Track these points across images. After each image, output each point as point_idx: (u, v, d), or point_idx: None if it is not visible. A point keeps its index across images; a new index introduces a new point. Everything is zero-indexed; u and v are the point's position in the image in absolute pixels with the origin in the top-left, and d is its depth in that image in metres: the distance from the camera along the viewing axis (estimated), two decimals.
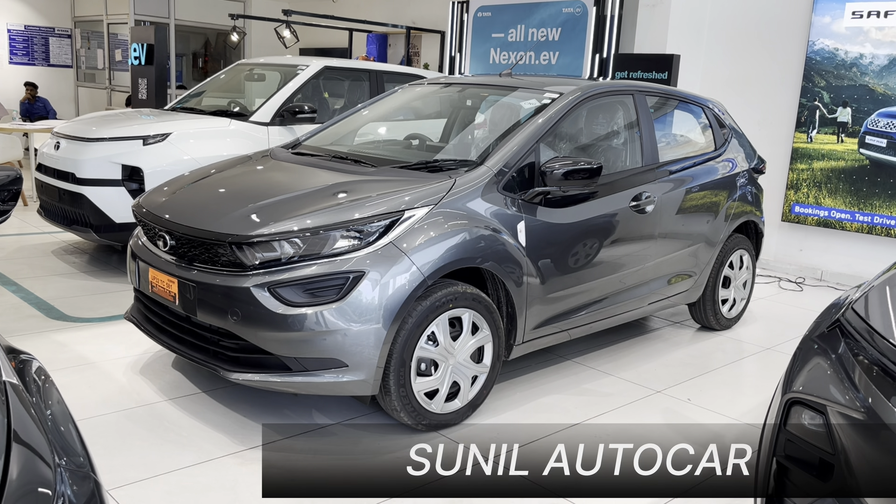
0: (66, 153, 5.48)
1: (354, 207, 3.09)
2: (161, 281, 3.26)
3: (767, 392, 3.98)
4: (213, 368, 3.08)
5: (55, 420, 1.30)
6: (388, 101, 4.66)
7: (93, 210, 5.30)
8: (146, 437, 3.07)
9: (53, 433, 1.23)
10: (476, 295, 3.25)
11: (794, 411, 1.76)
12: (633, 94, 4.29)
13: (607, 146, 4.31)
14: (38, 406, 1.29)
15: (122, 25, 12.58)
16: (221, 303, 3.00)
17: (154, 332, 3.43)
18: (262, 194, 3.30)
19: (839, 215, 6.63)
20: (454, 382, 3.28)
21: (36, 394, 1.37)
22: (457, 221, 3.21)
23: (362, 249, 2.99)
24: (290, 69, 6.40)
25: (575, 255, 3.71)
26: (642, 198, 4.08)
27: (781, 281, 6.66)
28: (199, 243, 3.13)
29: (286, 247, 2.99)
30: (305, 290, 2.92)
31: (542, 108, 3.82)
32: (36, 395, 1.36)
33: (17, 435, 1.10)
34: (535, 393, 3.78)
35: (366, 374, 2.98)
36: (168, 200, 3.48)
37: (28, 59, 13.40)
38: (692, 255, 4.54)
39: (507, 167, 3.47)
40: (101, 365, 3.79)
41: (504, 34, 9.12)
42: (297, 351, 2.95)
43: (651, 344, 4.69)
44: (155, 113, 6.24)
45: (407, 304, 3.00)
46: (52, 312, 4.57)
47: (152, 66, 8.12)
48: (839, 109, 6.56)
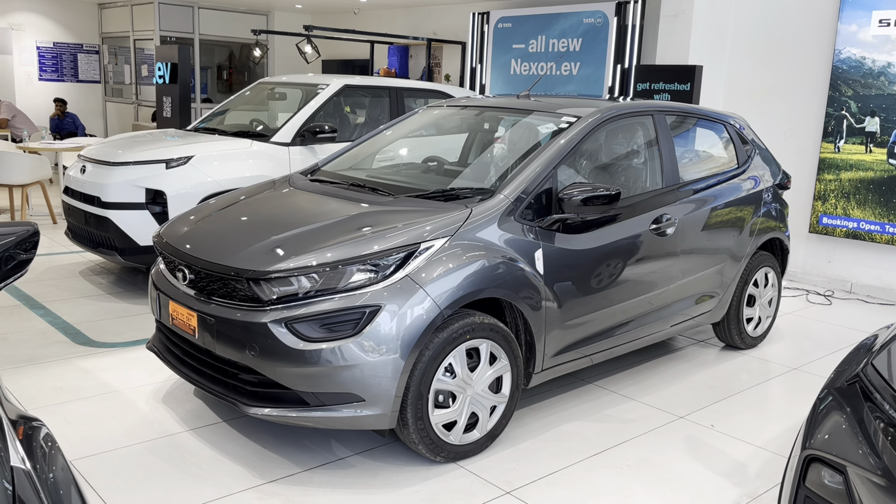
0: (92, 177, 5.56)
1: (370, 241, 3.09)
2: (181, 314, 3.29)
3: (793, 417, 3.92)
4: (233, 402, 3.10)
5: (56, 486, 1.33)
6: (405, 124, 4.66)
7: (117, 233, 5.38)
8: (168, 470, 3.10)
9: (55, 500, 1.26)
10: (493, 325, 3.24)
11: (813, 468, 1.72)
12: (652, 115, 4.24)
13: (627, 168, 4.27)
14: (42, 472, 1.32)
15: (148, 41, 12.76)
16: (239, 337, 3.02)
17: (175, 363, 3.46)
18: (278, 227, 3.31)
19: (868, 227, 6.50)
20: (472, 413, 3.26)
21: (41, 459, 1.39)
22: (473, 252, 3.19)
23: (378, 283, 2.99)
24: (310, 88, 6.45)
25: (594, 281, 3.68)
26: (663, 220, 4.03)
27: (809, 294, 6.55)
28: (217, 277, 3.16)
29: (303, 281, 3.00)
30: (322, 325, 2.93)
31: (559, 131, 3.80)
32: (41, 460, 1.39)
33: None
34: (555, 420, 3.75)
35: (383, 408, 2.98)
36: (187, 232, 3.52)
37: (57, 76, 13.66)
38: (716, 274, 4.48)
39: (525, 195, 3.45)
40: (125, 393, 3.84)
41: (525, 45, 9.09)
42: (314, 386, 2.96)
43: (674, 365, 4.63)
44: (178, 134, 6.31)
45: (423, 336, 2.99)
46: (78, 337, 4.64)
47: (176, 84, 8.22)
48: (867, 119, 6.43)
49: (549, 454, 3.38)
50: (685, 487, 3.16)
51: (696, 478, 3.25)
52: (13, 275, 1.92)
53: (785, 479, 1.86)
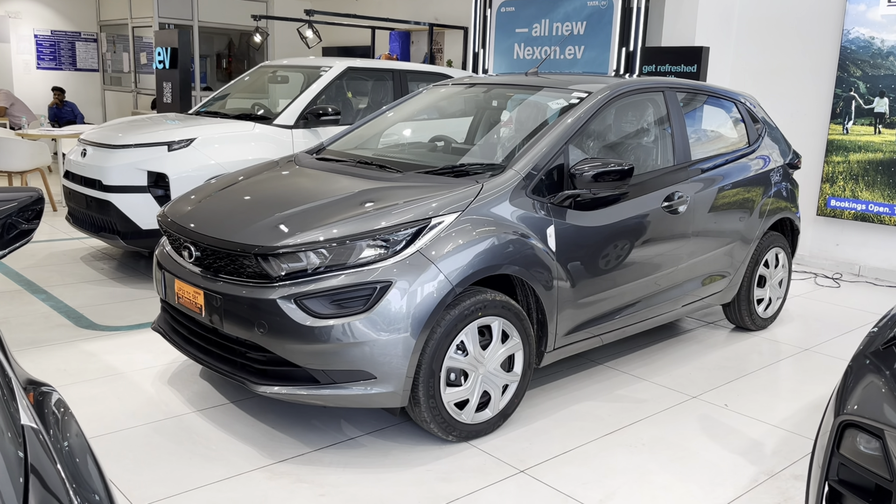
0: (93, 160, 5.49)
1: (380, 216, 3.03)
2: (187, 292, 3.23)
3: (807, 397, 3.87)
4: (241, 381, 3.04)
5: (72, 453, 1.27)
6: (412, 102, 4.59)
7: (119, 217, 5.31)
8: (175, 450, 3.05)
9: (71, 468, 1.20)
10: (506, 302, 3.18)
11: (847, 434, 1.66)
12: (663, 91, 4.18)
13: (638, 145, 4.21)
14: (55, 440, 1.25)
15: (146, 29, 12.65)
16: (248, 315, 2.96)
17: (181, 343, 3.41)
18: (286, 203, 3.25)
19: (877, 209, 6.44)
20: (484, 392, 3.21)
21: (54, 426, 1.33)
22: (485, 228, 3.13)
23: (389, 259, 2.93)
24: (313, 71, 6.37)
25: (606, 259, 3.62)
26: (675, 198, 3.97)
27: (818, 277, 6.49)
28: (224, 254, 3.09)
29: (312, 257, 2.94)
30: (332, 301, 2.87)
31: (569, 107, 3.73)
32: (54, 426, 1.33)
33: (35, 479, 1.07)
34: (567, 400, 3.69)
35: (395, 386, 2.93)
36: (193, 210, 3.45)
37: (55, 64, 13.55)
38: (726, 254, 4.42)
39: (536, 170, 3.39)
40: (130, 375, 3.78)
41: (528, 29, 8.99)
42: (324, 363, 2.90)
43: (685, 346, 4.58)
44: (179, 118, 6.24)
45: (435, 313, 2.93)
46: (81, 321, 4.58)
47: (176, 69, 8.13)
48: (876, 100, 6.36)
49: (563, 433, 3.33)
50: (701, 465, 3.11)
51: (711, 456, 3.20)
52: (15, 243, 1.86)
53: (816, 449, 1.81)
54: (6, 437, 1.08)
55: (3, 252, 1.76)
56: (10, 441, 1.08)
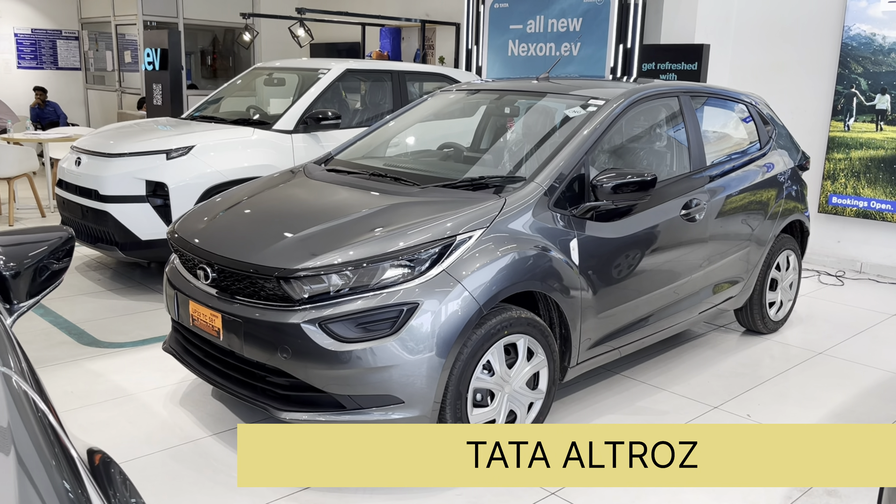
0: (88, 169, 5.35)
1: (404, 235, 2.94)
2: (203, 314, 3.12)
3: (828, 404, 3.84)
4: (263, 407, 2.95)
5: None
6: (420, 109, 4.49)
7: (117, 228, 5.17)
8: (195, 479, 2.95)
9: None
10: (531, 319, 3.11)
11: None
12: (678, 96, 4.11)
13: (655, 152, 4.15)
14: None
15: (130, 27, 12.41)
16: (270, 339, 2.87)
17: (195, 365, 3.31)
18: (305, 221, 3.15)
19: (879, 206, 6.44)
20: (510, 411, 3.14)
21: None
22: (510, 244, 3.05)
23: (415, 279, 2.85)
24: (310, 73, 6.24)
25: (627, 270, 3.56)
26: (692, 205, 3.92)
27: (821, 275, 6.49)
28: (242, 276, 2.99)
29: (335, 279, 2.85)
30: (358, 324, 2.79)
31: (587, 116, 3.65)
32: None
33: None
34: (589, 413, 3.64)
35: (422, 410, 2.85)
36: (206, 228, 3.34)
37: (36, 63, 13.27)
38: (741, 259, 4.38)
39: (558, 182, 3.31)
40: (140, 396, 3.68)
41: (522, 25, 8.90)
42: (350, 388, 2.81)
43: (699, 352, 4.54)
44: (174, 123, 6.09)
45: (463, 334, 2.86)
46: (83, 337, 4.45)
47: (167, 70, 7.96)
48: (877, 97, 6.35)
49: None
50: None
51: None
52: (47, 286, 1.76)
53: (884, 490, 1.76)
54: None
55: (37, 298, 1.66)
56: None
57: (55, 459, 1.12)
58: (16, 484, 1.00)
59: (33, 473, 1.05)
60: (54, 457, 1.12)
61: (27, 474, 1.04)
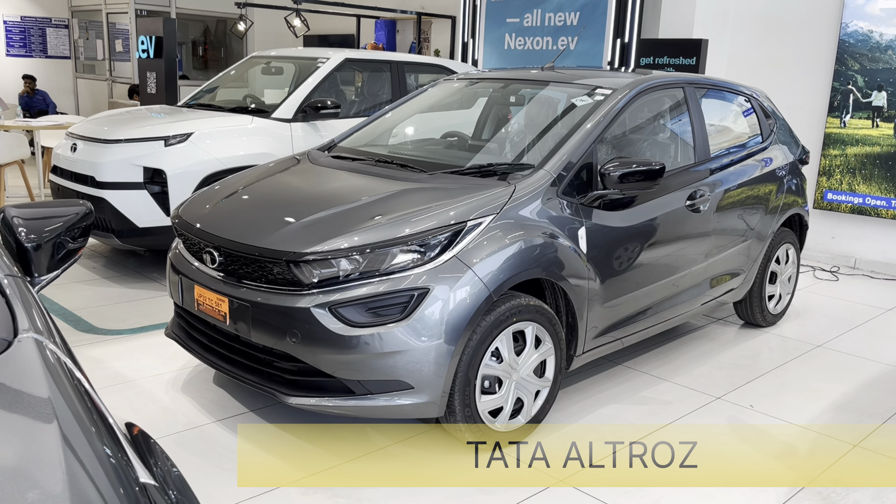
0: (85, 156, 5.28)
1: (414, 220, 2.92)
2: (209, 299, 3.09)
3: (829, 396, 3.86)
4: (270, 392, 2.92)
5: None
6: (423, 98, 4.47)
7: (115, 214, 5.11)
8: (202, 465, 2.92)
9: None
10: (539, 307, 3.10)
11: None
12: (683, 87, 4.12)
13: (660, 142, 4.14)
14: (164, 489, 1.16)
15: (121, 15, 12.28)
16: (279, 323, 2.84)
17: (200, 351, 3.27)
18: (313, 206, 3.12)
19: (874, 202, 6.48)
20: (517, 398, 3.13)
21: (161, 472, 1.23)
22: (519, 231, 3.04)
23: (426, 265, 2.83)
24: (308, 62, 6.19)
25: (633, 259, 3.56)
26: (697, 196, 3.92)
27: (816, 270, 6.52)
28: (251, 260, 2.96)
29: (345, 263, 2.82)
30: (369, 309, 2.77)
31: (594, 105, 3.65)
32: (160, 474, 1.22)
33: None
34: (593, 403, 3.64)
35: (431, 396, 2.84)
36: (211, 212, 3.30)
37: (25, 51, 13.10)
38: (743, 252, 4.39)
39: (566, 170, 3.30)
40: (141, 383, 3.64)
41: (519, 19, 8.88)
42: (359, 373, 2.79)
43: (699, 344, 4.55)
44: (170, 111, 6.03)
45: (473, 320, 2.84)
46: (80, 325, 4.40)
47: (161, 59, 7.88)
48: (874, 93, 6.39)
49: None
50: (740, 472, 3.07)
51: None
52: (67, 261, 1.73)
53: None
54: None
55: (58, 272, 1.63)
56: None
57: (94, 426, 1.10)
58: (62, 452, 0.98)
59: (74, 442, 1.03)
60: (93, 423, 1.10)
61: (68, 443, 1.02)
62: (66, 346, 1.38)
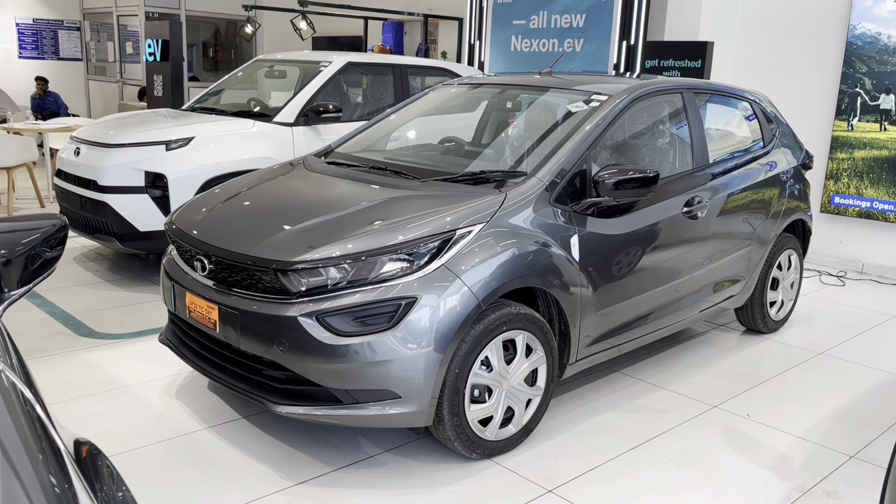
0: (87, 160, 5.32)
1: (403, 228, 2.91)
2: (200, 306, 3.10)
3: (829, 405, 3.82)
4: (259, 400, 2.92)
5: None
6: (421, 102, 4.46)
7: (116, 218, 5.14)
8: (190, 472, 2.93)
9: None
10: (530, 315, 3.08)
11: None
12: (681, 92, 4.08)
13: (657, 149, 4.11)
14: None
15: (132, 17, 12.36)
16: (266, 332, 2.84)
17: (192, 357, 3.28)
18: (303, 214, 3.12)
19: (882, 206, 6.40)
20: (508, 407, 3.12)
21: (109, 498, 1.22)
22: (510, 239, 3.03)
23: (414, 273, 2.82)
24: (311, 66, 6.21)
25: (628, 267, 3.53)
26: (695, 202, 3.89)
27: (822, 275, 6.46)
28: (240, 268, 2.96)
29: (333, 272, 2.82)
30: (356, 318, 2.76)
31: (589, 112, 3.62)
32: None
33: None
34: (587, 411, 3.61)
35: (419, 405, 2.83)
36: (204, 219, 3.31)
37: (38, 53, 13.22)
38: (743, 258, 4.35)
39: (559, 178, 3.28)
40: (135, 388, 3.65)
41: (526, 21, 8.86)
42: (347, 382, 2.79)
43: (698, 351, 4.51)
44: (174, 114, 6.06)
45: (461, 329, 2.83)
46: (80, 328, 4.43)
47: (168, 62, 7.92)
48: (882, 96, 6.31)
49: (587, 448, 3.25)
50: (731, 482, 3.04)
51: (740, 472, 3.13)
52: (39, 275, 1.74)
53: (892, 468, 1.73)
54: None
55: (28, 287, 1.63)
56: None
57: (42, 453, 1.09)
58: (0, 479, 0.97)
59: (19, 467, 1.03)
60: (41, 450, 1.09)
61: (13, 468, 1.01)
62: (22, 367, 1.38)
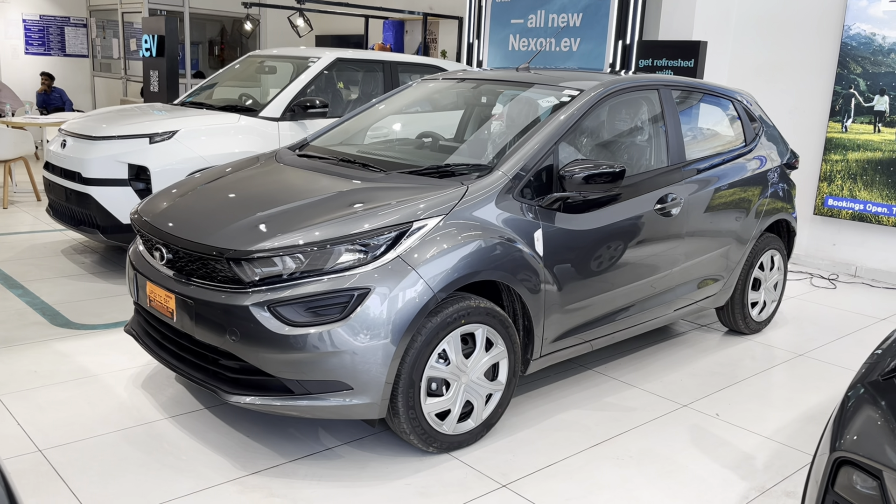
0: (73, 152, 5.34)
1: (359, 219, 2.90)
2: (159, 296, 3.10)
3: (800, 406, 3.77)
4: (213, 390, 2.92)
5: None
6: (399, 97, 4.45)
7: (99, 210, 5.17)
8: (143, 460, 2.93)
9: None
10: (490, 309, 3.06)
11: (843, 471, 1.55)
12: (657, 89, 4.04)
13: (631, 145, 4.07)
14: None
15: (136, 14, 12.44)
16: (220, 321, 2.84)
17: (153, 347, 3.28)
18: (262, 204, 3.11)
19: (875, 209, 6.32)
20: (467, 402, 3.09)
21: None
22: (469, 232, 3.00)
23: (368, 264, 2.81)
24: (301, 61, 6.21)
25: (596, 263, 3.50)
26: (668, 200, 3.85)
27: (813, 277, 6.38)
28: (196, 257, 2.96)
29: (288, 262, 2.81)
30: (308, 308, 2.75)
31: (560, 105, 3.60)
32: None
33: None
34: (554, 408, 3.58)
35: (372, 397, 2.81)
36: (166, 209, 3.31)
37: (44, 50, 13.33)
38: (721, 257, 4.30)
39: (524, 171, 3.26)
40: (103, 378, 3.66)
41: (523, 20, 8.83)
42: (299, 373, 2.78)
43: (677, 350, 4.47)
44: (163, 108, 6.08)
45: (416, 321, 2.81)
46: (56, 319, 4.44)
47: (163, 57, 7.96)
48: (876, 98, 6.23)
49: (548, 444, 3.22)
50: (689, 481, 3.00)
51: (701, 470, 3.09)
52: None
53: (809, 482, 1.70)
54: None
55: None
56: None
57: None
58: None
59: None
60: None
61: None
62: None
